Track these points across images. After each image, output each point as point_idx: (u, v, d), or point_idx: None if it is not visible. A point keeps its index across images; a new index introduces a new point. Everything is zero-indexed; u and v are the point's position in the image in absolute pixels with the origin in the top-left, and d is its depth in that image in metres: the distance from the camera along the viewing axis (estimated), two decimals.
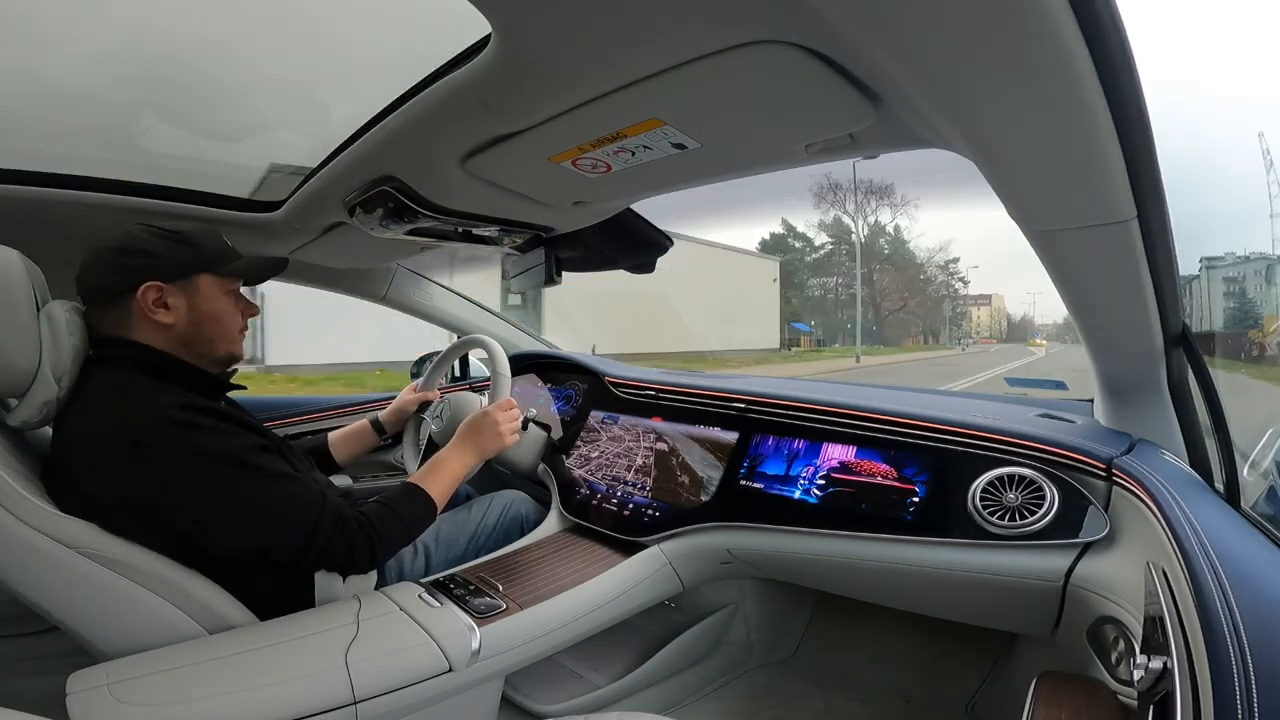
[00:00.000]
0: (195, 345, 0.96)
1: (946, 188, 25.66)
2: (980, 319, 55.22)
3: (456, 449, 1.16)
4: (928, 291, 44.88)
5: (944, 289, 46.85)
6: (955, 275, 46.62)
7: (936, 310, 46.13)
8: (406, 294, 1.93)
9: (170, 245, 0.95)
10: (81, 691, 0.76)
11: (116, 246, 0.93)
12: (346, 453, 1.40)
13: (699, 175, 0.97)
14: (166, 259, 0.94)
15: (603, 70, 0.66)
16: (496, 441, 1.20)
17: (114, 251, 0.92)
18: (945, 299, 46.91)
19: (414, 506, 1.03)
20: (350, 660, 0.85)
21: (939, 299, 46.29)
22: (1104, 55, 0.48)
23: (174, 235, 0.96)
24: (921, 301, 44.39)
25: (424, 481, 1.07)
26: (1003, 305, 57.15)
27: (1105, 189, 0.63)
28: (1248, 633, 0.51)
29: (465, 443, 1.17)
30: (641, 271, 1.55)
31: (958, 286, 47.50)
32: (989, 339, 51.11)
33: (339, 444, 1.40)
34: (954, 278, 46.73)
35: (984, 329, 54.14)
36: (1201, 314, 16.49)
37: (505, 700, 1.15)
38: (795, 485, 1.23)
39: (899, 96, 0.65)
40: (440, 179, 1.00)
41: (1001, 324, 55.62)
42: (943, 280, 46.23)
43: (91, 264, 0.93)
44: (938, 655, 1.44)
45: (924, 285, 44.64)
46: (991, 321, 55.81)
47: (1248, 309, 15.65)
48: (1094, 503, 0.95)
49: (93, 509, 0.82)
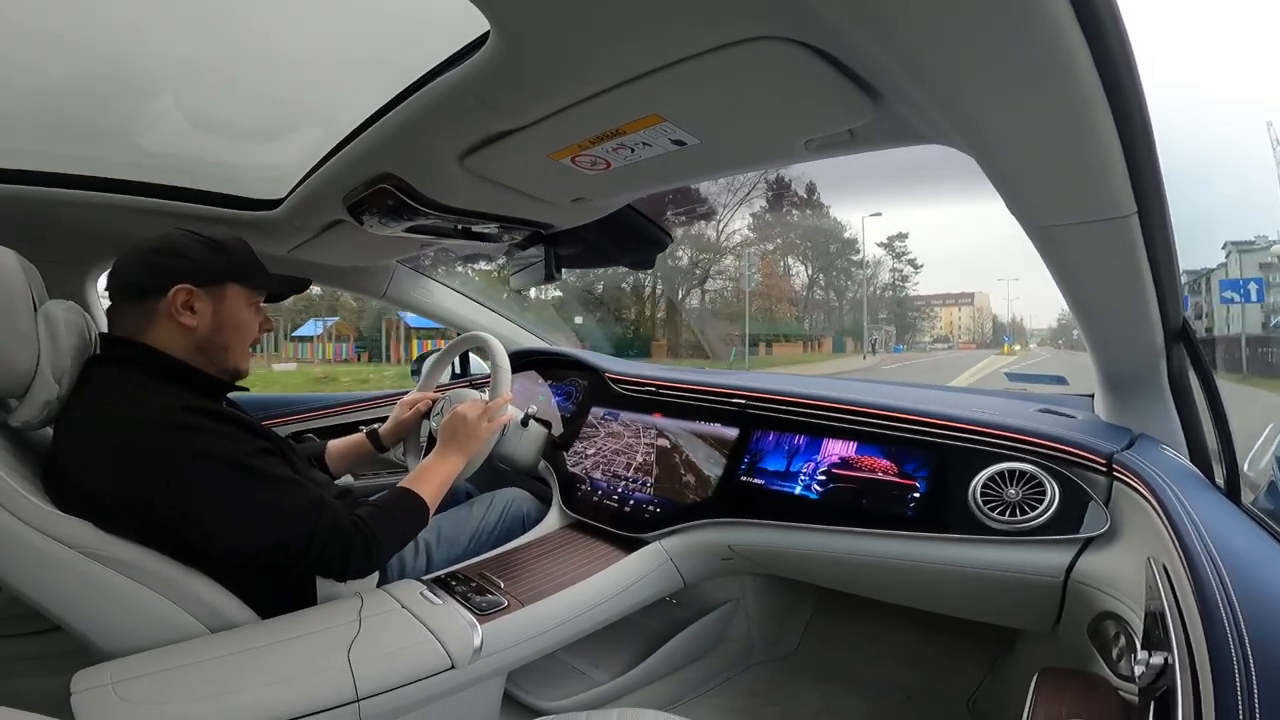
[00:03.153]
0: (211, 351, 0.97)
1: (945, 184, 24.83)
2: (958, 320, 47.84)
3: (440, 454, 1.17)
4: (855, 276, 34.85)
5: (891, 276, 36.67)
6: (902, 256, 36.09)
7: (887, 305, 36.60)
8: (406, 291, 1.93)
9: (206, 251, 0.97)
10: (86, 690, 0.76)
11: (155, 247, 0.95)
12: (344, 466, 1.40)
13: (698, 172, 0.97)
14: (202, 264, 0.96)
15: (602, 67, 0.66)
16: (474, 439, 1.21)
17: (153, 251, 0.94)
18: (890, 289, 37.19)
19: (407, 510, 1.04)
20: (353, 658, 0.85)
21: (883, 289, 36.47)
22: (1104, 50, 0.48)
23: (211, 242, 0.98)
24: (839, 291, 34.44)
25: (415, 485, 1.07)
26: (986, 305, 49.21)
27: (1105, 184, 0.63)
28: (1248, 628, 0.51)
29: (446, 447, 1.19)
30: (641, 268, 1.54)
31: (906, 271, 36.88)
32: (970, 343, 44.03)
33: (336, 459, 1.38)
34: (900, 258, 36.15)
35: (964, 332, 46.87)
36: (1230, 313, 15.09)
37: (507, 697, 1.15)
38: (796, 481, 1.23)
39: (898, 92, 0.64)
40: (439, 176, 0.99)
41: (985, 326, 48.15)
42: (891, 266, 36.23)
43: (128, 262, 0.94)
44: (938, 651, 1.44)
45: (846, 268, 34.52)
46: (974, 324, 48.27)
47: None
48: (1095, 498, 0.95)
49: (93, 509, 0.82)
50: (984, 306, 48.82)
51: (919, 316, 42.51)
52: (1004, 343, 42.03)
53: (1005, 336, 44.35)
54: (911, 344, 40.28)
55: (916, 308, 41.69)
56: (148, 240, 0.96)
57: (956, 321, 47.82)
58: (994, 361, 27.18)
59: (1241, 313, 14.62)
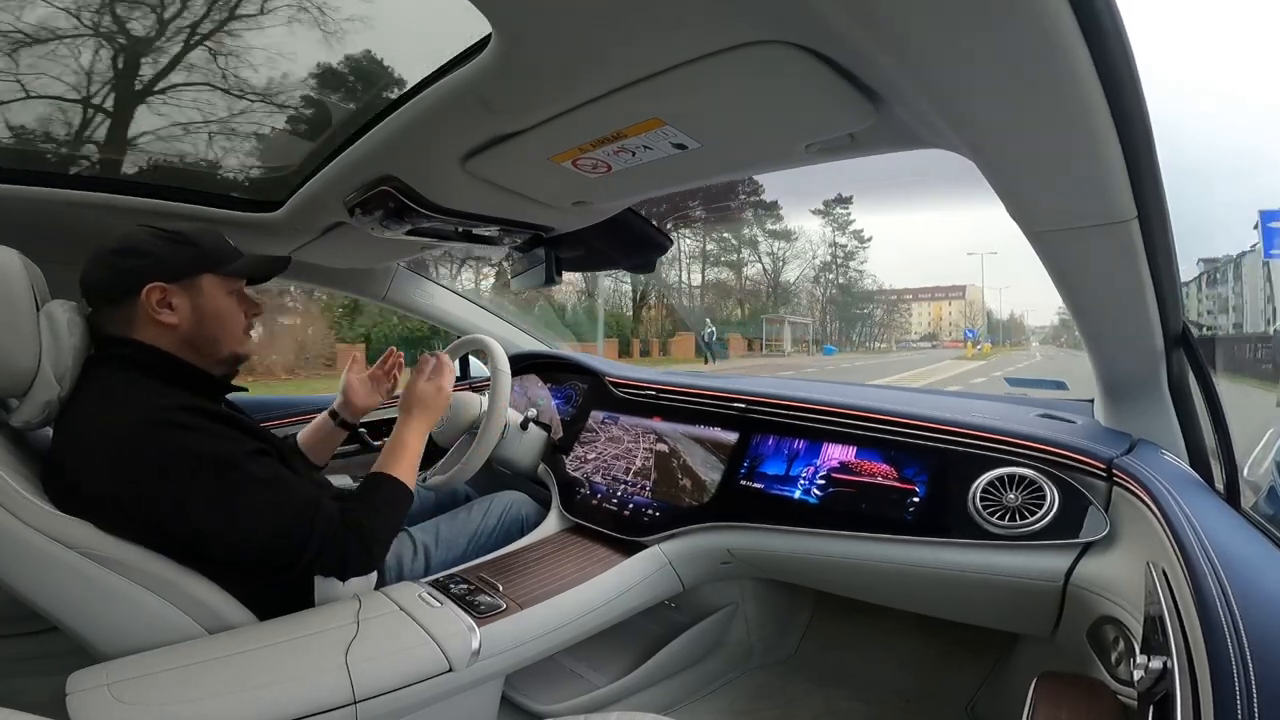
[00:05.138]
0: (200, 345, 0.96)
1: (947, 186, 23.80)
2: (948, 316, 42.46)
3: (404, 425, 1.12)
4: (774, 251, 26.09)
5: (830, 253, 28.28)
6: (846, 226, 27.52)
7: (831, 291, 26.68)
8: (407, 294, 1.93)
9: (171, 246, 0.95)
10: (81, 691, 0.76)
11: (116, 248, 0.92)
12: (319, 452, 1.35)
13: (699, 175, 0.97)
14: (168, 260, 0.93)
15: (603, 70, 0.66)
16: (436, 400, 1.16)
17: (114, 253, 0.92)
18: (830, 270, 28.69)
19: (388, 497, 1.01)
20: (350, 660, 0.85)
21: (819, 269, 27.58)
22: (1104, 55, 0.48)
23: (175, 235, 0.96)
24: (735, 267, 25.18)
25: (386, 467, 1.04)
26: (979, 299, 42.89)
27: (1106, 189, 0.63)
28: (1248, 632, 0.51)
29: (409, 416, 1.13)
30: (642, 271, 1.55)
31: (851, 246, 28.66)
32: (958, 341, 38.15)
33: (308, 445, 1.34)
34: (843, 229, 27.74)
35: (954, 329, 41.58)
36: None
37: (505, 700, 1.14)
38: (795, 485, 1.23)
39: (899, 97, 0.65)
40: (440, 179, 1.00)
41: (978, 322, 42.51)
42: (831, 240, 27.65)
43: (92, 266, 0.92)
44: (938, 655, 1.44)
45: (751, 238, 25.08)
46: (966, 319, 42.72)
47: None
48: (1094, 503, 0.95)
49: (92, 509, 0.82)
50: (976, 300, 43.81)
51: (880, 307, 35.04)
52: (966, 339, 34.05)
53: (968, 332, 36.54)
54: (869, 340, 32.56)
55: (873, 297, 33.80)
56: (108, 242, 0.93)
57: (947, 317, 43.01)
58: (950, 369, 20.76)
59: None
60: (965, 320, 42.79)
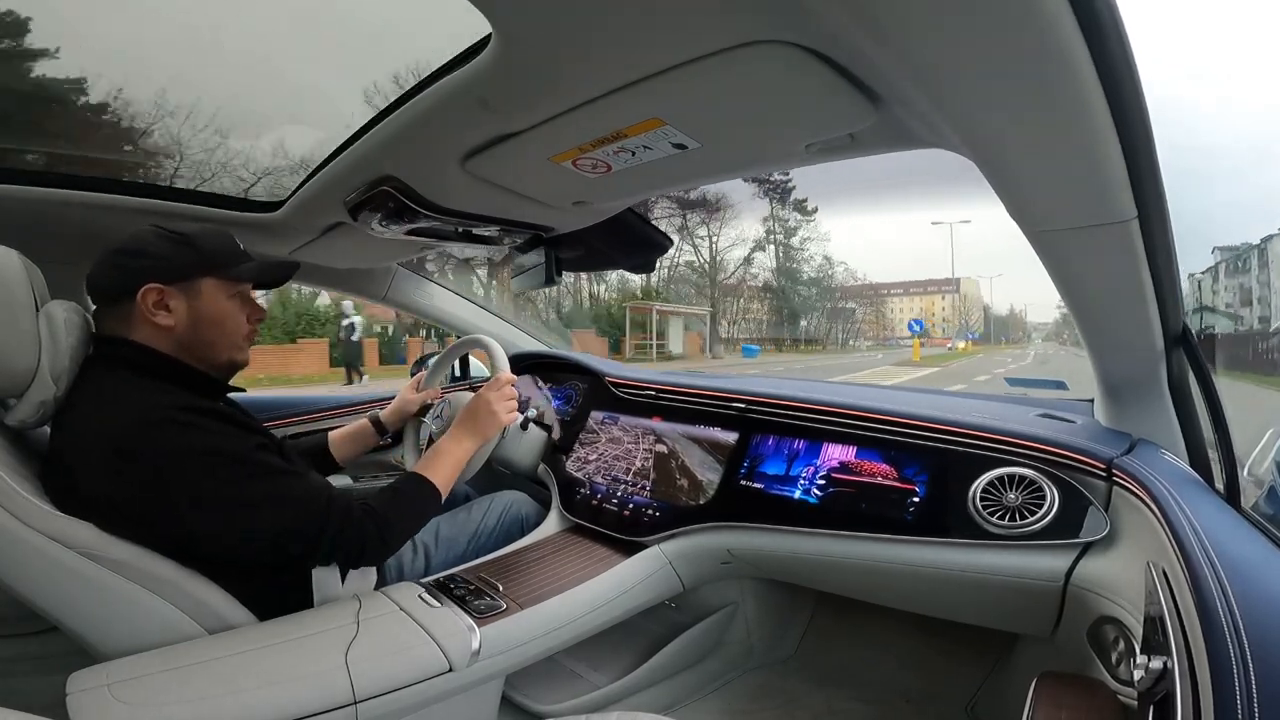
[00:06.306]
0: (195, 349, 0.96)
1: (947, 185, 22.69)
2: (940, 311, 38.59)
3: (454, 436, 1.15)
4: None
5: (765, 229, 22.38)
6: (786, 195, 21.74)
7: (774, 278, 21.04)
8: (407, 294, 1.93)
9: (174, 247, 0.95)
10: (81, 691, 0.76)
11: (120, 248, 0.93)
12: (347, 452, 1.40)
13: (699, 175, 0.97)
14: (168, 261, 0.93)
15: (603, 70, 0.66)
16: (494, 422, 1.19)
17: (118, 253, 0.92)
18: (763, 247, 22.63)
19: (419, 493, 1.04)
20: (350, 660, 0.85)
21: (754, 246, 21.35)
22: (1104, 54, 0.48)
23: (179, 237, 0.96)
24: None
25: (426, 470, 1.07)
26: (975, 293, 39.07)
27: (1106, 189, 0.63)
28: (1248, 632, 0.51)
29: (462, 428, 1.16)
30: (642, 271, 1.54)
31: (794, 222, 22.93)
32: (946, 340, 35.59)
33: (339, 443, 1.39)
34: (783, 200, 21.92)
35: (945, 325, 38.13)
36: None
37: (505, 700, 1.15)
38: (795, 485, 1.23)
39: (899, 97, 0.65)
40: (440, 179, 1.00)
41: (972, 317, 39.36)
42: (766, 214, 21.57)
43: (98, 265, 0.93)
44: (938, 655, 1.44)
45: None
46: (957, 315, 39.14)
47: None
48: (1094, 503, 0.95)
49: (91, 509, 0.82)
50: (971, 293, 40.57)
51: (861, 304, 28.90)
52: (913, 332, 28.45)
53: (914, 324, 29.87)
54: (852, 338, 26.95)
55: (839, 290, 27.11)
56: (114, 241, 0.93)
57: (940, 312, 39.90)
58: (879, 375, 15.47)
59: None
60: (959, 316, 39.44)
